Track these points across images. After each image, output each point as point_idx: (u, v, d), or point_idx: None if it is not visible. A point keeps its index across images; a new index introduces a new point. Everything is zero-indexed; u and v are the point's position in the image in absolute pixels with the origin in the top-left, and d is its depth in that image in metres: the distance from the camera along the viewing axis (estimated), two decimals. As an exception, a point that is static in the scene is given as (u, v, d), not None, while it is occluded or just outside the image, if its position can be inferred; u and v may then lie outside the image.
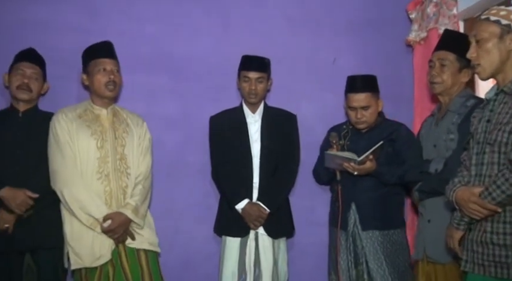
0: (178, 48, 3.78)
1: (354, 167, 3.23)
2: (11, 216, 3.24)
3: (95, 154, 3.28)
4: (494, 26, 2.44)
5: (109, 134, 3.36)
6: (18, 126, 3.39)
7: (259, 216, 3.46)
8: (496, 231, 2.38)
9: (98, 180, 3.26)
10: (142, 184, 3.36)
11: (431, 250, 3.03)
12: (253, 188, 3.53)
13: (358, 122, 3.40)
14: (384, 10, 4.06)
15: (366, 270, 3.30)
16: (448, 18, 3.64)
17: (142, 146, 3.44)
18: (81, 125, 3.32)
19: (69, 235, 3.25)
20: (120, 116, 3.46)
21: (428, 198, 3.08)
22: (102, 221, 3.20)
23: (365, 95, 3.37)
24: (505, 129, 2.38)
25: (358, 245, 3.33)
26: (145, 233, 3.34)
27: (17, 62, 3.43)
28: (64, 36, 3.75)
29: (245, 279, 3.48)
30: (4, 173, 3.27)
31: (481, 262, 2.42)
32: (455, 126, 3.01)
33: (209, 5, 3.96)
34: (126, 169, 3.34)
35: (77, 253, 3.21)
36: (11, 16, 3.71)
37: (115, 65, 3.42)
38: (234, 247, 3.50)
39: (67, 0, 3.80)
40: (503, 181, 2.32)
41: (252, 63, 3.59)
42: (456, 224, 2.57)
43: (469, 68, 3.04)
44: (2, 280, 3.22)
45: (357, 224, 3.34)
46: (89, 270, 3.22)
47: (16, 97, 3.41)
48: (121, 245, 3.27)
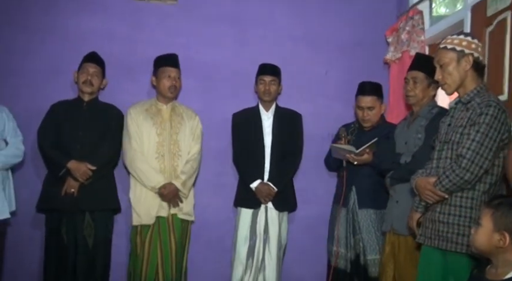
0: (204, 56, 3.88)
1: (353, 157, 3.34)
2: (76, 183, 3.40)
3: (155, 139, 3.49)
4: (451, 52, 2.47)
5: (166, 124, 3.55)
6: (82, 113, 3.54)
7: (269, 193, 3.56)
8: (443, 211, 2.44)
9: (155, 159, 3.48)
10: (191, 164, 3.55)
11: (397, 225, 3.06)
12: (264, 171, 3.62)
13: (364, 120, 3.49)
14: (367, 34, 4.12)
15: (361, 239, 3.39)
16: (417, 43, 3.70)
17: (194, 134, 3.61)
18: (146, 117, 3.52)
19: (133, 198, 3.49)
20: (178, 110, 3.64)
21: (397, 183, 3.11)
22: (158, 188, 3.41)
23: (371, 97, 3.47)
24: (457, 130, 2.43)
25: (356, 220, 3.42)
26: (187, 205, 3.55)
27: (83, 63, 3.59)
28: (115, 43, 3.87)
29: (255, 241, 3.57)
30: (69, 149, 3.43)
31: (429, 235, 2.48)
32: (422, 128, 3.06)
33: (230, 23, 4.03)
34: (178, 151, 3.53)
35: (137, 212, 3.45)
36: (76, 28, 3.86)
37: (178, 73, 3.58)
38: (247, 216, 3.60)
39: (118, 16, 3.91)
40: (451, 172, 2.38)
41: (267, 69, 3.69)
42: (415, 207, 2.62)
43: (436, 84, 3.02)
44: (69, 231, 3.40)
45: (355, 203, 3.43)
46: (144, 226, 3.43)
47: (82, 90, 3.57)
48: (169, 213, 3.46)
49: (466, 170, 2.35)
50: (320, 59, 4.10)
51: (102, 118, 3.53)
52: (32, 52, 3.80)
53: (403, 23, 3.88)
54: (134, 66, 3.88)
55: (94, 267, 3.41)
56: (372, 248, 3.37)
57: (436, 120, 2.97)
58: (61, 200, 3.36)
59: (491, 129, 2.34)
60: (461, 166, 2.36)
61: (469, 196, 2.40)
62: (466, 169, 2.35)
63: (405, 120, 3.32)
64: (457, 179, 2.37)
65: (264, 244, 3.55)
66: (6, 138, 3.18)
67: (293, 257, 3.87)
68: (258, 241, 3.56)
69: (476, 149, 2.34)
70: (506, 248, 1.95)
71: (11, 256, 3.57)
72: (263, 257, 3.55)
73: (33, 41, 3.80)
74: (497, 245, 1.96)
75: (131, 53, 3.86)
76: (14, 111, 3.48)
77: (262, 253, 3.55)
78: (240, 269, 3.54)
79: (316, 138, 3.80)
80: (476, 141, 2.34)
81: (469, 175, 2.35)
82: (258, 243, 3.56)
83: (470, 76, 2.49)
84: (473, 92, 2.48)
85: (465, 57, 2.47)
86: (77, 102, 3.58)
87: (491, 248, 1.99)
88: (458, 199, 2.42)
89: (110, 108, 3.62)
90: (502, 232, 1.95)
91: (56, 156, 3.40)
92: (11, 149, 3.19)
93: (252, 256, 3.55)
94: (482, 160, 2.34)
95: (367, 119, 3.49)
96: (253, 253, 3.55)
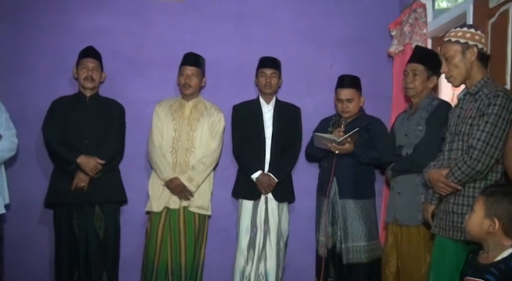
0: (210, 52, 3.80)
1: (335, 147, 3.33)
2: (86, 177, 3.37)
3: (171, 134, 3.52)
4: (456, 45, 2.45)
5: (185, 120, 3.55)
6: (85, 108, 3.49)
7: (270, 184, 3.53)
8: (457, 202, 2.42)
9: (170, 153, 3.52)
10: (203, 161, 3.51)
11: (399, 216, 3.05)
12: (265, 162, 3.58)
13: (344, 112, 3.49)
14: (371, 28, 4.04)
15: (340, 228, 3.38)
16: (420, 36, 3.62)
17: (213, 131, 3.58)
18: (168, 113, 3.56)
19: (150, 186, 3.54)
20: (200, 107, 3.62)
21: (399, 175, 3.08)
22: (166, 182, 3.45)
23: (350, 90, 3.48)
24: (467, 122, 2.41)
25: (335, 210, 3.41)
26: (199, 200, 3.52)
27: (81, 58, 3.50)
28: (123, 39, 3.82)
29: (256, 232, 3.54)
30: (77, 144, 3.40)
31: (444, 226, 2.47)
32: (423, 120, 3.02)
33: (235, 19, 3.97)
34: (191, 147, 3.52)
35: (151, 200, 3.51)
36: (84, 25, 3.81)
37: (194, 71, 3.55)
38: (248, 207, 3.57)
39: (125, 13, 3.86)
40: (463, 163, 2.36)
41: (267, 62, 3.65)
42: (429, 199, 2.61)
43: (435, 76, 3.11)
44: (80, 223, 3.38)
45: (336, 193, 3.42)
46: (155, 214, 3.47)
47: (84, 86, 3.51)
48: (181, 206, 3.47)
49: (477, 161, 2.32)
50: (324, 53, 4.03)
51: (106, 113, 3.51)
52: (40, 50, 3.76)
53: (406, 16, 3.78)
54: (142, 62, 3.83)
55: (106, 258, 3.42)
56: (354, 236, 3.35)
57: (438, 112, 2.97)
58: (71, 195, 3.33)
59: (500, 119, 2.31)
60: (473, 157, 2.33)
61: (481, 186, 2.37)
62: (478, 160, 2.32)
63: (405, 113, 3.27)
64: (469, 170, 2.34)
65: (264, 234, 3.53)
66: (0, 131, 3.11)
67: (296, 248, 3.79)
68: (258, 232, 3.54)
69: (487, 140, 2.31)
70: (495, 233, 1.97)
71: (16, 252, 3.54)
72: (264, 248, 3.53)
73: (41, 39, 3.76)
74: (488, 230, 1.98)
75: (139, 49, 3.82)
76: (18, 107, 3.46)
77: (262, 244, 3.53)
78: (242, 260, 3.53)
79: (317, 132, 3.70)
80: (486, 132, 2.32)
81: (481, 165, 2.32)
82: (258, 234, 3.53)
83: (475, 67, 2.45)
84: (481, 82, 2.45)
85: (470, 49, 2.44)
86: (79, 98, 3.53)
87: (482, 234, 2.01)
88: (471, 189, 2.39)
89: (112, 103, 3.59)
90: (492, 218, 1.96)
91: (64, 152, 3.36)
92: (5, 142, 3.10)
93: (253, 247, 3.53)
94: (492, 150, 2.31)
95: (347, 110, 3.49)
96: (254, 244, 3.53)
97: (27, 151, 3.59)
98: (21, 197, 3.54)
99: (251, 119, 3.64)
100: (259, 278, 3.51)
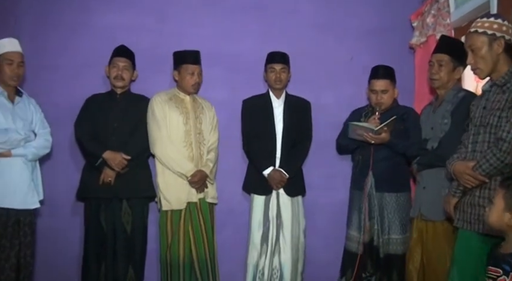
0: (229, 47, 3.78)
1: (371, 136, 3.24)
2: (112, 172, 3.41)
3: (182, 128, 3.48)
4: (482, 36, 2.40)
5: (191, 114, 3.53)
6: (116, 105, 3.54)
7: (281, 180, 3.51)
8: (483, 195, 2.39)
9: (184, 147, 3.47)
10: (214, 151, 3.58)
11: (425, 210, 3.00)
12: (276, 158, 3.55)
13: (378, 103, 3.41)
14: (392, 19, 3.99)
15: (377, 222, 3.32)
16: (443, 26, 3.56)
17: (212, 124, 3.61)
18: (172, 106, 3.49)
19: (161, 184, 3.47)
20: (197, 101, 3.60)
21: (425, 169, 3.03)
22: (189, 175, 3.38)
23: (384, 81, 3.41)
24: (495, 114, 2.37)
25: (372, 203, 3.34)
26: (212, 190, 3.56)
27: (113, 57, 3.56)
28: (142, 37, 3.81)
29: (269, 226, 3.53)
30: (105, 140, 3.45)
31: (469, 219, 2.43)
32: (448, 113, 2.97)
33: (254, 12, 3.94)
34: (202, 140, 3.53)
35: (167, 198, 3.43)
36: (105, 23, 3.82)
37: (200, 69, 3.56)
38: (260, 202, 3.56)
39: (145, 10, 3.87)
40: (491, 156, 2.32)
41: (277, 57, 3.61)
42: (453, 192, 2.55)
43: (461, 67, 3.04)
44: (107, 219, 3.42)
45: (373, 186, 3.34)
46: (174, 212, 3.43)
47: (114, 85, 3.54)
48: (197, 198, 3.46)
49: (507, 154, 2.28)
50: (344, 46, 3.98)
51: (135, 109, 3.54)
52: (66, 48, 3.80)
53: (428, 6, 3.72)
54: (161, 58, 3.80)
55: (133, 253, 3.44)
56: (390, 228, 3.30)
57: (463, 105, 2.90)
58: (99, 189, 3.39)
59: None
60: (502, 149, 2.28)
61: (509, 179, 2.30)
62: (507, 152, 2.28)
63: (430, 105, 3.22)
64: (497, 162, 2.30)
65: (277, 229, 3.52)
66: (34, 130, 3.16)
67: (316, 242, 3.78)
68: (271, 226, 3.52)
69: None
70: None
71: (51, 242, 3.60)
72: (277, 242, 3.51)
73: (66, 38, 3.81)
74: (509, 223, 2.00)
75: (158, 45, 3.81)
76: (50, 104, 3.51)
77: (275, 238, 3.51)
78: (255, 254, 3.52)
79: (340, 125, 3.65)
80: None
81: (510, 157, 2.28)
82: (271, 228, 3.52)
83: (502, 59, 2.42)
84: (508, 74, 2.40)
85: (497, 40, 2.39)
86: (111, 95, 3.59)
87: (503, 226, 2.03)
88: (498, 182, 2.31)
89: (142, 99, 3.61)
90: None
91: (92, 147, 3.43)
92: (40, 140, 3.14)
93: (266, 241, 3.52)
94: None
95: (381, 102, 3.40)
96: (267, 239, 3.52)
97: (60, 147, 3.64)
98: (53, 191, 3.58)
99: (261, 113, 3.61)
100: (273, 272, 3.50)
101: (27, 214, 3.04)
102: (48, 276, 3.62)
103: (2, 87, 3.05)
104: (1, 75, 3.05)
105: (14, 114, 3.06)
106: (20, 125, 3.04)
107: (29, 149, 3.05)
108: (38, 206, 3.12)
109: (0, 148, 2.94)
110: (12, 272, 2.93)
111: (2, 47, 3.05)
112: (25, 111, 3.14)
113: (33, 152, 3.08)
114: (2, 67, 3.04)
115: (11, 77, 3.05)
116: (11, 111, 3.05)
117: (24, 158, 3.04)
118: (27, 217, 3.04)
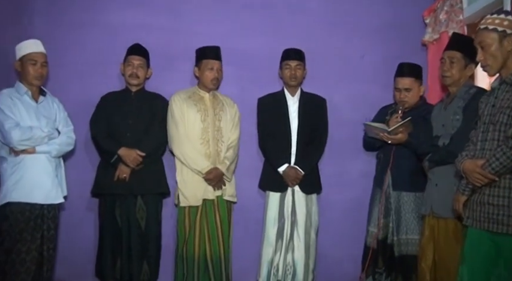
0: (241, 44, 3.79)
1: (387, 136, 3.24)
2: (127, 169, 3.45)
3: (199, 125, 3.50)
4: (493, 33, 2.37)
5: (210, 111, 3.56)
6: (130, 103, 3.58)
7: (296, 177, 3.52)
8: (492, 194, 2.36)
9: (201, 144, 3.50)
10: (233, 149, 3.58)
11: (436, 208, 2.98)
12: (291, 155, 3.56)
13: (401, 102, 3.38)
14: (404, 16, 3.97)
15: (392, 220, 3.32)
16: (456, 23, 3.54)
17: (233, 121, 3.62)
18: (190, 104, 3.53)
19: (180, 181, 3.52)
20: (218, 98, 3.63)
21: (436, 166, 3.01)
22: (204, 172, 3.41)
23: (409, 79, 3.38)
24: (505, 112, 2.34)
25: (389, 201, 3.35)
26: (230, 188, 3.57)
27: (128, 55, 3.60)
28: (156, 34, 3.84)
29: (284, 223, 3.54)
30: (120, 137, 3.49)
31: (478, 218, 2.40)
32: (460, 109, 2.95)
33: (264, 10, 3.95)
34: (221, 137, 3.54)
35: (184, 194, 3.48)
36: (120, 21, 3.86)
37: (220, 65, 3.57)
38: (275, 199, 3.57)
39: (159, 8, 3.89)
40: (501, 154, 2.29)
41: (292, 54, 3.61)
42: (462, 190, 2.53)
43: (473, 64, 3.01)
44: (122, 214, 3.46)
45: (390, 185, 3.35)
46: (192, 208, 3.47)
47: (129, 83, 3.59)
48: (215, 195, 3.49)
49: None
50: (355, 43, 3.97)
51: (150, 107, 3.58)
52: (81, 47, 3.85)
53: (441, 3, 3.70)
54: (175, 56, 3.86)
55: (147, 248, 3.48)
56: (407, 228, 3.30)
57: (475, 101, 2.85)
58: (114, 185, 3.43)
59: None
60: None
61: (518, 177, 2.30)
62: None
63: (442, 102, 3.19)
64: (507, 161, 2.27)
65: (292, 226, 3.53)
66: (58, 128, 3.22)
67: (330, 240, 3.79)
68: (286, 223, 3.53)
69: None
70: None
71: (66, 236, 3.66)
72: (291, 239, 3.52)
73: (81, 37, 3.85)
74: None
75: (172, 43, 3.85)
76: (65, 102, 3.54)
77: (290, 235, 3.52)
78: (270, 251, 3.53)
79: (352, 123, 3.69)
80: None
81: None
82: (286, 225, 3.53)
83: None
84: None
85: (507, 37, 2.36)
86: (126, 93, 3.63)
87: None
88: (508, 180, 2.32)
89: (157, 97, 3.65)
90: None
91: (107, 144, 3.47)
92: (63, 137, 3.20)
93: (281, 237, 3.53)
94: None
95: (404, 100, 3.38)
96: (282, 235, 3.52)
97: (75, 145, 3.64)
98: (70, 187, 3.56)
99: (276, 111, 3.61)
100: (287, 268, 3.51)
101: (51, 208, 3.11)
102: (64, 270, 3.68)
103: (26, 87, 3.13)
104: (25, 75, 3.12)
105: (37, 112, 3.13)
106: (43, 123, 3.11)
107: (53, 146, 3.12)
108: (62, 201, 3.19)
109: (25, 144, 3.01)
110: (32, 265, 3.00)
111: (26, 48, 3.13)
112: (49, 109, 3.21)
113: (56, 148, 3.14)
114: (26, 67, 3.10)
115: (35, 77, 3.12)
116: (34, 110, 3.12)
117: (48, 155, 3.10)
118: (51, 211, 3.11)
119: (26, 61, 3.11)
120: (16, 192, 2.99)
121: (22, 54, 3.12)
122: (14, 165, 3.02)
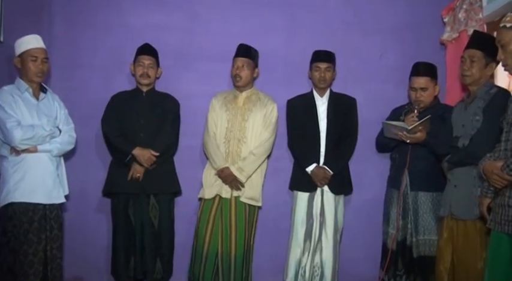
0: (258, 44, 3.74)
1: (406, 135, 3.21)
2: (141, 168, 3.48)
3: (225, 125, 3.57)
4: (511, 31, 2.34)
5: (238, 111, 3.58)
6: (142, 103, 3.59)
7: (325, 177, 3.50)
8: None
9: (223, 143, 3.57)
10: (254, 151, 3.53)
11: (455, 209, 2.94)
12: (320, 155, 3.55)
13: (417, 101, 3.36)
14: (423, 15, 3.92)
15: (410, 221, 3.29)
16: (475, 21, 3.49)
17: (266, 121, 3.58)
18: (222, 104, 3.61)
19: (204, 174, 3.62)
20: (254, 98, 3.64)
21: (456, 167, 2.97)
22: (217, 171, 3.52)
23: (425, 78, 3.36)
24: None
25: (406, 202, 3.32)
26: (251, 191, 3.54)
27: (138, 55, 3.61)
28: (172, 35, 3.85)
29: (312, 223, 3.52)
30: (133, 137, 3.50)
31: (499, 220, 2.36)
32: (480, 109, 2.89)
33: (281, 10, 3.94)
34: (243, 138, 3.54)
35: (204, 188, 3.58)
36: (136, 22, 3.88)
37: (244, 62, 3.58)
38: (304, 199, 3.56)
39: (174, 8, 3.91)
40: None
41: (322, 56, 3.60)
42: (485, 192, 2.51)
43: (494, 63, 2.94)
44: (136, 212, 3.49)
45: (407, 185, 3.31)
46: (207, 200, 3.54)
47: (140, 83, 3.60)
48: (232, 195, 3.51)
49: None
50: (374, 43, 3.94)
51: (161, 107, 3.59)
52: (97, 47, 3.87)
53: (460, 1, 3.64)
54: (191, 56, 3.87)
55: (160, 247, 3.51)
56: (425, 229, 3.28)
57: (495, 101, 2.83)
58: (127, 185, 3.45)
59: None
60: None
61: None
62: None
63: (462, 102, 3.14)
64: None
65: (320, 226, 3.51)
66: (58, 126, 3.18)
67: (349, 240, 3.77)
68: (314, 224, 3.51)
69: None
70: None
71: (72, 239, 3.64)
72: (319, 240, 3.50)
73: (97, 37, 3.88)
74: None
75: (188, 43, 3.86)
76: (79, 102, 3.61)
77: (318, 235, 3.50)
78: (298, 251, 3.52)
79: (370, 123, 3.64)
80: None
81: None
82: (314, 226, 3.51)
83: None
84: None
85: None
86: (137, 93, 3.64)
87: None
88: None
89: (167, 97, 3.67)
90: None
91: (121, 144, 3.48)
92: (65, 136, 3.16)
93: (309, 238, 3.51)
94: None
95: (420, 100, 3.35)
96: (310, 236, 3.51)
97: (85, 144, 3.70)
98: (79, 187, 3.66)
99: (305, 112, 3.61)
100: (315, 269, 3.49)
101: (53, 209, 3.06)
102: (78, 269, 3.71)
103: (26, 84, 3.06)
104: (26, 72, 3.04)
105: (38, 110, 3.07)
106: (44, 121, 3.06)
107: (54, 145, 3.07)
108: (63, 200, 3.16)
109: (27, 144, 2.96)
110: (40, 266, 2.98)
111: (26, 44, 3.05)
112: (49, 107, 3.15)
113: (58, 147, 3.10)
114: (26, 64, 3.02)
115: (36, 73, 3.05)
116: (35, 108, 3.07)
117: (50, 154, 3.06)
118: (54, 211, 3.07)
119: (27, 57, 3.03)
120: (19, 192, 2.94)
121: (22, 51, 3.03)
122: (14, 164, 2.97)
